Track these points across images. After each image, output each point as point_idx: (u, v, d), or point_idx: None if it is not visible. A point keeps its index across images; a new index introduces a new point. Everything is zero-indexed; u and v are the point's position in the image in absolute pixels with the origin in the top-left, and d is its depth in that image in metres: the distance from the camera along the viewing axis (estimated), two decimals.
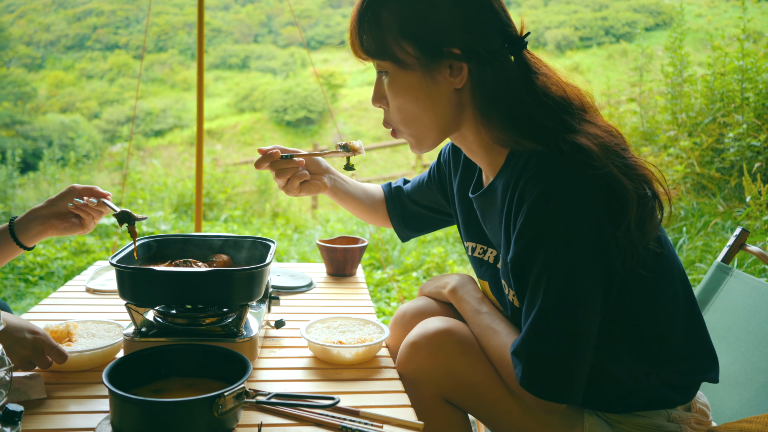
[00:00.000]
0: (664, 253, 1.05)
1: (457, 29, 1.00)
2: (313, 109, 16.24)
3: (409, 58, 1.01)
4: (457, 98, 1.05)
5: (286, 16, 24.01)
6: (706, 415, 1.10)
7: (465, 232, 1.26)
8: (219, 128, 16.15)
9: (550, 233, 0.94)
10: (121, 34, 23.43)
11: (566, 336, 0.95)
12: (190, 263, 1.23)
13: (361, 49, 1.06)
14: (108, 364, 1.15)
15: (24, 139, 14.71)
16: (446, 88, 1.03)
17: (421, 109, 1.05)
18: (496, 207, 1.08)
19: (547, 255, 0.94)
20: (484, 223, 1.16)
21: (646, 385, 1.05)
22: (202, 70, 3.33)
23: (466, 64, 1.01)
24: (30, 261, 4.53)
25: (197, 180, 3.35)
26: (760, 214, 3.29)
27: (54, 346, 1.05)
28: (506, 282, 1.07)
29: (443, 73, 1.02)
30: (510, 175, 1.02)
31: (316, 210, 7.89)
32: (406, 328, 1.29)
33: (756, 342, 1.30)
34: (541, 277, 0.95)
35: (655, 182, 1.01)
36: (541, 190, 0.94)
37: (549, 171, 0.96)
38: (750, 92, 4.59)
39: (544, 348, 0.96)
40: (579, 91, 1.06)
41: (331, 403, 0.93)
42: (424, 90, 1.03)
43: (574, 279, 0.94)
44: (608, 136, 1.00)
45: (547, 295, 0.95)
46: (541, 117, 1.00)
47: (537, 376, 0.97)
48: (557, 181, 0.95)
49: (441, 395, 1.11)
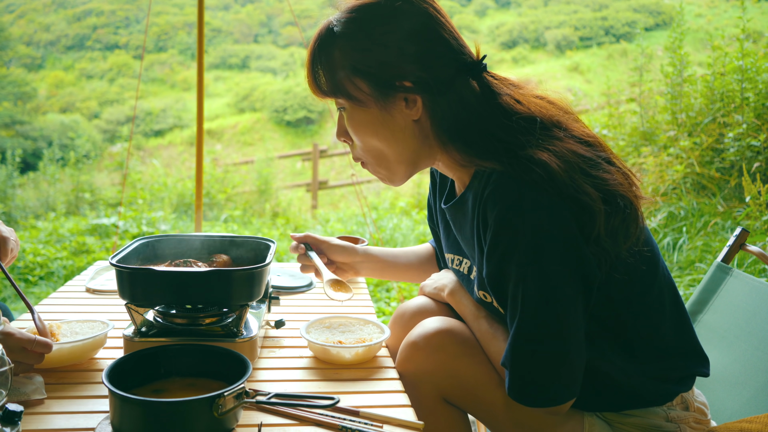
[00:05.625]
0: (645, 253, 1.05)
1: (408, 62, 1.02)
2: (313, 109, 16.23)
3: (363, 95, 1.04)
4: (417, 129, 1.06)
5: (286, 16, 24.01)
6: (705, 414, 1.11)
7: (445, 243, 1.27)
8: (219, 128, 16.14)
9: (517, 248, 0.95)
10: (121, 34, 23.42)
11: (547, 342, 0.96)
12: (190, 263, 1.23)
13: (317, 87, 1.09)
14: (92, 357, 1.17)
15: (24, 139, 14.71)
16: (404, 120, 1.05)
17: (383, 143, 1.08)
18: (467, 218, 1.10)
19: (518, 270, 0.96)
20: (457, 233, 1.17)
21: (640, 382, 1.05)
22: (202, 70, 3.33)
23: (419, 95, 1.03)
24: (30, 261, 4.53)
25: (197, 180, 3.35)
26: (759, 214, 3.29)
27: (32, 339, 1.03)
28: (485, 292, 1.09)
29: (399, 106, 1.04)
30: (477, 188, 1.04)
31: (316, 210, 7.90)
32: (406, 327, 1.29)
33: (756, 342, 1.30)
34: (517, 292, 0.97)
35: (631, 193, 1.01)
36: (501, 206, 0.96)
37: (507, 187, 0.97)
38: (750, 92, 4.59)
39: (527, 358, 0.98)
40: (549, 105, 1.06)
41: (331, 403, 0.93)
42: (382, 124, 1.05)
43: (548, 288, 0.95)
44: (579, 149, 1.00)
45: (525, 308, 0.96)
46: (503, 137, 1.01)
47: (523, 385, 0.99)
48: (516, 197, 0.96)
49: (441, 395, 1.11)
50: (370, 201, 7.40)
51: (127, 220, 5.71)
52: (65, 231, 5.51)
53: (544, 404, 1.00)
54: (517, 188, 0.96)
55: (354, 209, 7.12)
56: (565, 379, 0.99)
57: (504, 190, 0.97)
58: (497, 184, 0.98)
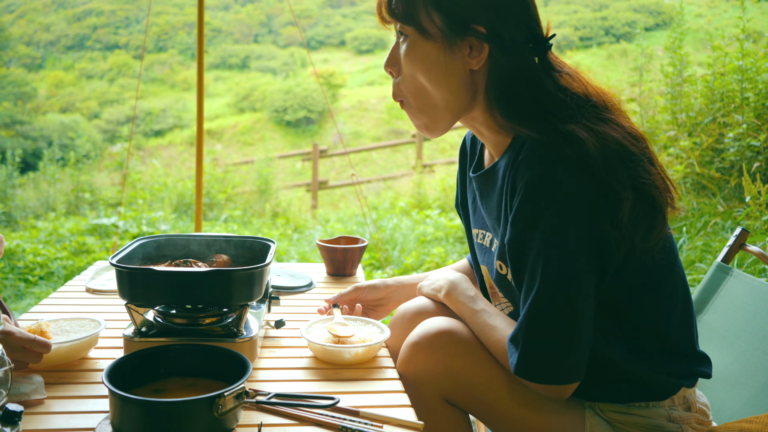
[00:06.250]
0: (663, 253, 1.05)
1: (488, 10, 1.01)
2: (313, 109, 16.23)
3: (434, 29, 1.02)
4: (470, 80, 1.05)
5: (286, 16, 24.01)
6: (707, 415, 1.11)
7: (472, 219, 1.26)
8: (219, 128, 16.14)
9: (542, 217, 0.95)
10: (121, 34, 23.42)
11: (561, 319, 0.96)
12: (190, 263, 1.23)
13: (388, 10, 1.06)
14: (84, 356, 1.17)
15: (24, 139, 14.70)
16: (462, 68, 1.04)
17: (432, 85, 1.05)
18: (495, 188, 1.09)
19: (541, 241, 0.95)
20: (482, 204, 1.16)
21: (646, 374, 1.05)
22: (202, 70, 3.33)
23: (488, 45, 1.01)
24: (30, 261, 4.53)
25: (197, 180, 3.35)
26: (759, 214, 3.29)
27: (31, 338, 1.03)
28: (503, 262, 1.08)
29: (463, 51, 1.03)
30: (510, 157, 1.03)
31: (316, 210, 7.90)
32: (407, 327, 1.29)
33: (756, 342, 1.30)
34: (537, 264, 0.96)
35: (662, 199, 1.01)
36: (533, 173, 0.96)
37: (540, 156, 0.97)
38: (750, 92, 4.59)
39: (540, 332, 0.97)
40: (604, 93, 1.07)
41: (331, 403, 0.93)
42: (439, 64, 1.03)
43: (569, 263, 0.95)
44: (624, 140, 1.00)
45: (543, 282, 0.96)
46: (550, 107, 1.01)
47: (533, 361, 0.98)
48: (547, 167, 0.95)
49: (442, 395, 1.11)
50: (370, 201, 7.40)
51: (127, 220, 5.71)
52: (65, 231, 5.51)
53: (552, 381, 0.99)
54: (550, 158, 0.96)
55: (354, 209, 7.12)
56: (573, 359, 0.98)
57: (537, 158, 0.97)
58: (531, 152, 0.97)
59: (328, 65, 19.56)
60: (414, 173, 8.17)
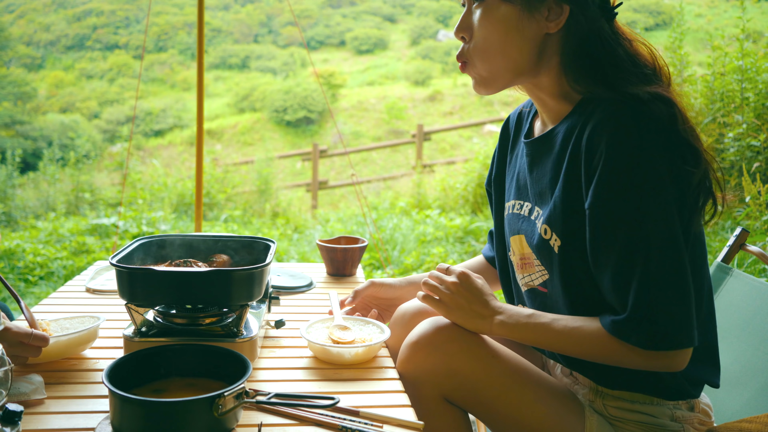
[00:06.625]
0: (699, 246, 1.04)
1: None
2: (313, 109, 16.23)
3: None
4: (543, 43, 1.05)
5: (286, 16, 24.01)
6: (709, 416, 1.10)
7: (508, 191, 1.24)
8: (219, 128, 16.14)
9: (634, 179, 0.94)
10: (121, 34, 23.41)
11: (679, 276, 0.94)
12: (190, 263, 1.23)
13: None
14: (85, 351, 1.17)
15: (24, 139, 14.70)
16: (538, 31, 1.04)
17: (507, 45, 1.05)
18: (551, 153, 1.08)
19: (638, 200, 0.94)
20: (530, 171, 1.15)
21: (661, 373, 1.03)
22: (202, 70, 3.33)
23: (569, 7, 1.02)
24: (30, 261, 4.53)
25: (197, 180, 3.35)
26: (760, 214, 3.29)
27: (29, 333, 1.04)
28: (549, 226, 1.06)
29: (542, 14, 1.03)
30: (575, 121, 1.03)
31: (316, 210, 7.90)
32: (407, 327, 1.29)
33: (756, 342, 1.30)
34: (635, 224, 0.94)
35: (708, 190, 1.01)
36: (616, 133, 0.95)
37: (622, 115, 0.96)
38: (750, 92, 4.59)
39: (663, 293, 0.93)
40: (667, 69, 1.07)
41: (331, 403, 0.93)
42: (517, 27, 1.04)
43: (669, 219, 0.94)
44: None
45: (650, 240, 0.94)
46: (624, 73, 1.01)
47: (668, 327, 0.94)
48: (633, 126, 0.95)
49: (442, 395, 1.11)
50: (370, 201, 7.40)
51: (127, 220, 5.71)
52: (65, 231, 5.51)
53: (689, 344, 0.94)
54: (634, 117, 0.95)
55: (354, 209, 7.12)
56: (693, 318, 0.95)
57: (619, 117, 0.96)
58: (610, 112, 0.97)
59: (328, 65, 19.56)
60: (414, 173, 8.17)
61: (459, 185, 6.66)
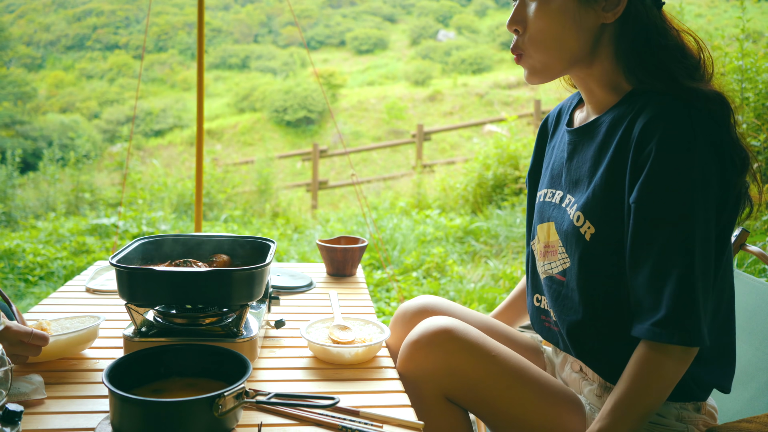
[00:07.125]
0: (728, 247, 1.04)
1: None
2: (313, 109, 16.23)
3: None
4: (599, 33, 1.06)
5: (286, 16, 24.01)
6: (714, 417, 1.10)
7: (543, 179, 1.24)
8: (219, 128, 16.14)
9: (682, 178, 0.94)
10: (121, 34, 23.42)
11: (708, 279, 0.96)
12: (190, 263, 1.23)
13: None
14: (84, 350, 1.17)
15: (24, 139, 14.71)
16: (594, 22, 1.04)
17: (564, 36, 1.05)
18: (593, 142, 1.09)
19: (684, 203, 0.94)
20: (569, 159, 1.15)
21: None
22: (202, 70, 3.33)
23: None
24: (30, 261, 4.53)
25: (197, 180, 3.35)
26: (760, 214, 3.29)
27: (29, 331, 1.04)
28: (583, 214, 1.06)
29: (599, 5, 1.03)
30: (623, 112, 1.04)
31: (316, 210, 7.90)
32: (407, 327, 1.29)
33: (756, 342, 1.30)
34: (678, 227, 0.94)
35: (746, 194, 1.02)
36: (669, 130, 0.95)
37: (675, 112, 0.96)
38: (750, 92, 4.59)
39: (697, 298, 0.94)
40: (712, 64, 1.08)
41: (331, 403, 0.93)
42: (574, 17, 1.04)
43: (708, 223, 0.95)
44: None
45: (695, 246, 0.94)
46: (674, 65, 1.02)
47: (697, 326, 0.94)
48: (687, 125, 0.95)
49: (442, 394, 1.11)
50: (370, 201, 7.40)
51: (127, 220, 5.71)
52: (65, 231, 5.51)
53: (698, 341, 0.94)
54: (689, 115, 0.96)
55: (354, 209, 7.12)
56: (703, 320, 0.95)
57: (674, 114, 0.96)
58: (665, 108, 0.97)
59: (328, 65, 19.57)
60: (414, 173, 8.17)
61: (459, 185, 6.66)
